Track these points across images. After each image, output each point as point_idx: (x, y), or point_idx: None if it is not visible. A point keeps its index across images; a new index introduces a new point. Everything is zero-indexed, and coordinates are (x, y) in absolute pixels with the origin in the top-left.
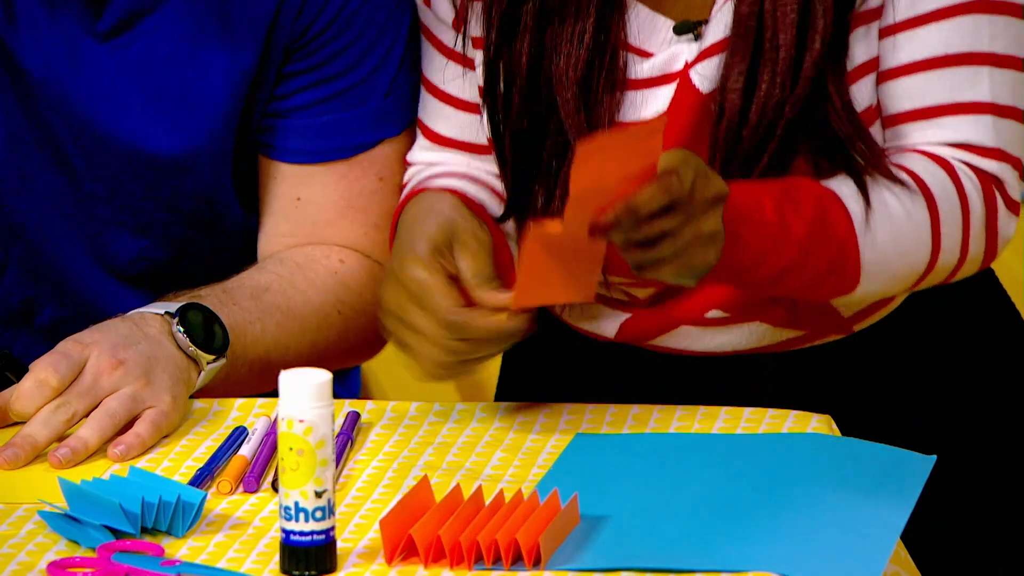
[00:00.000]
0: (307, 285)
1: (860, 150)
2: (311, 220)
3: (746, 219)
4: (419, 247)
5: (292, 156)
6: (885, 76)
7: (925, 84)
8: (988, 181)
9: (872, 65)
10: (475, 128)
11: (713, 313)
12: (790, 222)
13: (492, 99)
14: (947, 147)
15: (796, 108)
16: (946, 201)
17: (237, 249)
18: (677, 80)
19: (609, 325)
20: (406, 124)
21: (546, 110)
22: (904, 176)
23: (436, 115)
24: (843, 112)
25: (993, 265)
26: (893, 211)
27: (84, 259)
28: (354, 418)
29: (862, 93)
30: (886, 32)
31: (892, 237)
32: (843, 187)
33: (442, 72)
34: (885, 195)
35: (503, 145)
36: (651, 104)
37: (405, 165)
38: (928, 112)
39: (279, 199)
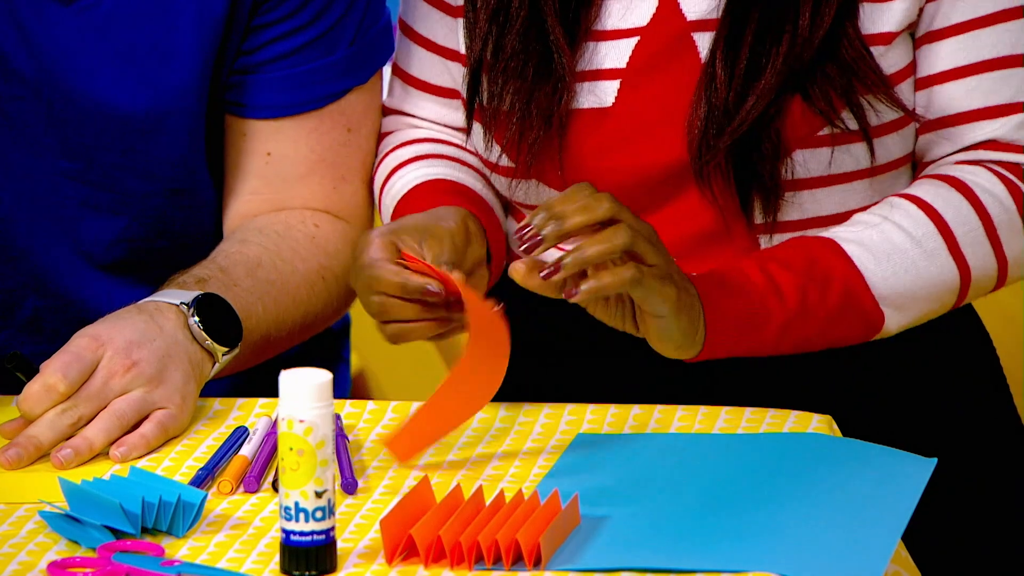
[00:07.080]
0: (292, 255)
1: (864, 71)
2: (281, 176)
3: (727, 284)
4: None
5: (262, 112)
6: (927, 82)
7: (974, 85)
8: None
9: (908, 71)
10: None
11: None
12: (778, 278)
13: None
14: (978, 149)
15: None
16: (961, 224)
17: (212, 229)
18: None
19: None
20: (373, 71)
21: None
22: (910, 206)
23: (419, 62)
24: (854, 38)
25: None
26: (898, 243)
27: (61, 248)
28: (337, 420)
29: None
30: (925, 39)
31: (904, 267)
32: (840, 231)
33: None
34: (889, 231)
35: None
36: (631, 15)
37: (378, 114)
38: (977, 114)
39: (248, 156)
